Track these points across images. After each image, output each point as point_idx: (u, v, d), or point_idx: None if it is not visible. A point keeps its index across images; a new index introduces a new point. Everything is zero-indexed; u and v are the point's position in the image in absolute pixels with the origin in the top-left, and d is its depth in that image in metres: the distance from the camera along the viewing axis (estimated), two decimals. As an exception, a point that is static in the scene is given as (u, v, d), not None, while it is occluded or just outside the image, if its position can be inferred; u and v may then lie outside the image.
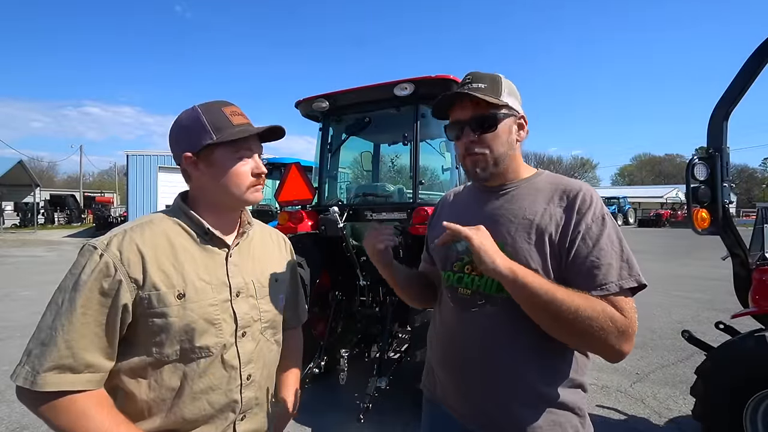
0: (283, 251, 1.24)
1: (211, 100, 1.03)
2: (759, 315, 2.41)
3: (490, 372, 1.03)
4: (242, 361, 1.00)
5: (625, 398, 3.47)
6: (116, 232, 0.92)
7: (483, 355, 1.04)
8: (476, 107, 1.05)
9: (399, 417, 3.08)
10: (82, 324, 0.82)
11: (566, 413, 1.01)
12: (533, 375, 1.00)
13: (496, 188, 1.13)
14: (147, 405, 0.90)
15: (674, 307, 6.44)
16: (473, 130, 1.06)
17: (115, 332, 0.86)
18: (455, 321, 1.10)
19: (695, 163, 2.41)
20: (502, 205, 1.09)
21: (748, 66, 2.28)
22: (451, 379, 1.11)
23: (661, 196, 42.98)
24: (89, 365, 0.83)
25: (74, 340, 0.82)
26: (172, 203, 1.06)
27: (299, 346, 1.32)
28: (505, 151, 1.08)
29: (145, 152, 18.79)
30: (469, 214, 1.14)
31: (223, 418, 0.98)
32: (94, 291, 0.84)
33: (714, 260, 5.94)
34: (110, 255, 0.86)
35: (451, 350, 1.12)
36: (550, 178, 1.12)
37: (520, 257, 0.99)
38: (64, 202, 29.55)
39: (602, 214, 0.99)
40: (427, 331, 1.29)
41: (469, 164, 1.10)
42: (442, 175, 3.87)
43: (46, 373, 0.80)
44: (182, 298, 0.91)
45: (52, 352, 0.80)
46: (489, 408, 1.03)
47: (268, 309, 1.08)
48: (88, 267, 0.85)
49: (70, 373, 0.81)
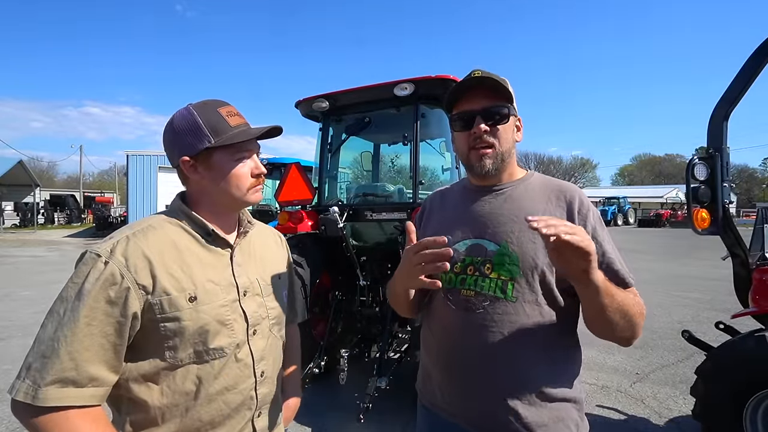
0: (280, 248, 1.25)
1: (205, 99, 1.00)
2: (759, 315, 2.41)
3: (496, 373, 1.01)
4: (255, 358, 1.00)
5: (625, 398, 3.47)
6: (118, 238, 0.89)
7: (489, 357, 1.01)
8: (489, 98, 1.05)
9: (399, 417, 3.08)
10: (86, 335, 0.79)
11: (568, 407, 1.02)
12: (539, 373, 1.00)
13: (491, 187, 1.12)
14: (160, 411, 0.88)
15: (674, 307, 6.44)
16: (485, 120, 1.04)
17: (123, 343, 0.84)
18: (457, 323, 1.06)
19: (695, 163, 2.41)
20: (501, 205, 1.09)
21: (748, 66, 2.28)
22: (455, 382, 1.08)
23: (661, 196, 43.01)
24: (93, 378, 0.80)
25: (78, 352, 0.78)
26: (170, 205, 1.04)
27: (297, 341, 1.33)
28: (509, 148, 1.08)
29: (145, 152, 18.79)
30: (465, 213, 1.13)
31: (240, 416, 0.98)
32: (100, 300, 0.81)
33: (714, 260, 5.95)
34: (116, 262, 0.83)
35: (453, 354, 1.08)
36: (543, 180, 1.14)
37: (527, 257, 1.00)
38: (64, 202, 29.57)
39: (598, 216, 1.07)
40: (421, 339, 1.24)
41: (474, 158, 1.07)
42: (442, 175, 3.87)
43: (47, 387, 0.76)
44: (194, 301, 0.90)
45: (55, 364, 0.77)
46: (494, 409, 1.01)
47: (273, 306, 1.09)
48: (92, 275, 0.82)
49: (72, 386, 0.78)
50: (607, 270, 0.97)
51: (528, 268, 1.00)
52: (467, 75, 1.08)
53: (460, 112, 1.09)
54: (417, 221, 1.28)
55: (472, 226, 1.10)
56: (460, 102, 1.09)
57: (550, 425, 0.99)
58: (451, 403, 1.09)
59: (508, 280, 1.01)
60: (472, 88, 1.06)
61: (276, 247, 1.23)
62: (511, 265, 1.01)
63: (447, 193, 1.27)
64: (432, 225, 1.21)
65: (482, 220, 1.09)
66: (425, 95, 3.21)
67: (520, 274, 1.00)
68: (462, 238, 1.10)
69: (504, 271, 1.01)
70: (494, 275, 1.02)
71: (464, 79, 1.07)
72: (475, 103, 1.06)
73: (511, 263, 1.01)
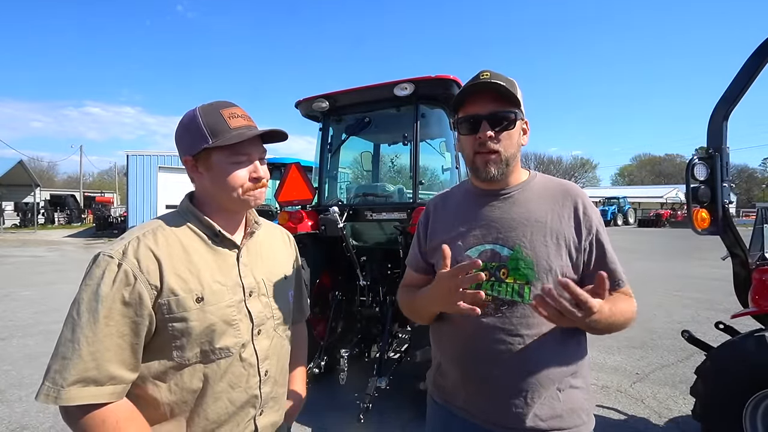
0: (288, 248, 1.26)
1: (215, 100, 1.01)
2: (759, 315, 2.41)
3: (516, 373, 1.02)
4: (260, 357, 1.02)
5: (625, 398, 3.47)
6: (129, 239, 0.90)
7: (508, 359, 1.02)
8: (496, 103, 1.04)
9: (399, 417, 3.09)
10: (105, 335, 0.82)
11: (579, 398, 1.06)
12: (556, 370, 1.03)
13: (497, 191, 1.12)
14: (168, 408, 0.91)
15: (674, 307, 6.44)
16: (491, 125, 1.03)
17: (139, 342, 0.86)
18: (475, 328, 1.06)
19: (695, 163, 2.41)
20: (510, 209, 1.09)
21: (748, 66, 2.28)
22: (473, 383, 1.09)
23: (661, 196, 43.02)
24: (112, 377, 0.82)
25: (99, 352, 0.81)
26: (179, 204, 1.05)
27: (304, 340, 1.34)
28: (515, 152, 1.08)
29: (145, 152, 18.79)
30: (474, 218, 1.12)
31: (244, 414, 1.00)
32: (116, 302, 0.83)
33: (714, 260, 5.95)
34: (129, 264, 0.85)
35: (471, 356, 1.08)
36: (546, 180, 1.15)
37: (542, 260, 1.01)
38: (64, 202, 29.60)
39: (599, 216, 1.10)
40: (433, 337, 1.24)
41: (479, 162, 1.06)
42: (442, 175, 3.87)
43: (70, 387, 0.78)
44: (201, 301, 0.91)
45: (77, 365, 0.79)
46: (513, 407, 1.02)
47: (279, 306, 1.10)
48: (107, 277, 0.84)
49: (93, 385, 0.81)
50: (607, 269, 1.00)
51: (543, 271, 1.01)
52: (475, 76, 1.07)
53: (466, 116, 1.07)
54: (421, 226, 1.26)
55: (484, 232, 1.09)
56: (466, 104, 1.08)
57: (565, 416, 1.02)
58: (468, 401, 1.10)
59: (524, 283, 1.02)
60: (480, 91, 1.05)
61: (284, 247, 1.24)
62: (527, 269, 1.02)
63: (449, 196, 1.26)
64: (438, 230, 1.19)
65: (493, 225, 1.09)
66: (425, 95, 3.21)
67: (536, 277, 1.01)
68: (474, 243, 1.09)
69: (520, 276, 1.02)
70: (510, 280, 1.03)
71: (472, 81, 1.06)
72: (481, 107, 1.04)
73: (526, 267, 1.02)
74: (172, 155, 18.41)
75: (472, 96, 1.06)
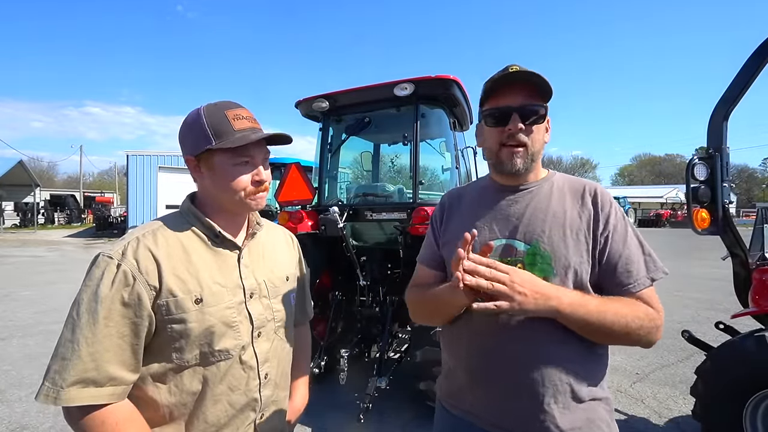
0: (291, 249, 1.25)
1: (221, 100, 1.00)
2: (759, 315, 2.41)
3: (531, 375, 0.98)
4: (260, 360, 1.00)
5: (625, 398, 3.47)
6: (128, 240, 0.90)
7: (524, 359, 0.98)
8: (528, 96, 1.01)
9: (399, 417, 3.09)
10: (105, 336, 0.81)
11: (598, 408, 1.01)
12: (572, 374, 0.98)
13: (517, 187, 1.10)
14: (168, 410, 0.90)
15: (674, 307, 6.43)
16: (522, 119, 1.01)
17: (140, 343, 0.86)
18: (491, 329, 1.02)
19: (695, 163, 2.41)
20: (529, 204, 1.07)
21: (748, 66, 2.28)
22: (486, 385, 1.04)
23: (661, 196, 42.95)
24: (112, 378, 0.82)
25: (99, 353, 0.81)
26: (181, 205, 1.04)
27: (307, 342, 1.33)
28: (539, 148, 1.06)
29: (145, 152, 18.75)
30: (491, 213, 1.10)
31: (243, 417, 0.99)
32: (116, 302, 0.83)
33: (714, 260, 5.95)
34: (128, 264, 0.85)
35: (485, 356, 1.04)
36: (565, 178, 1.13)
37: (560, 256, 0.99)
38: (64, 202, 29.62)
39: (621, 212, 1.05)
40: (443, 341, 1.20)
41: (505, 155, 1.04)
42: (442, 175, 3.87)
43: (69, 387, 0.78)
44: (200, 303, 0.91)
45: (76, 365, 0.79)
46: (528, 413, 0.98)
47: (280, 308, 1.09)
48: (106, 278, 0.84)
49: (93, 386, 0.80)
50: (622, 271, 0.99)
51: (562, 267, 0.98)
52: (503, 69, 1.04)
53: (495, 107, 1.04)
54: (436, 220, 1.23)
55: (501, 226, 1.07)
56: (495, 96, 1.04)
57: (584, 428, 0.97)
58: (477, 405, 1.06)
59: (542, 279, 0.97)
60: (511, 83, 1.02)
61: (286, 248, 1.22)
62: (544, 264, 0.99)
63: (465, 191, 1.23)
64: (454, 224, 1.16)
65: (511, 220, 1.06)
66: (425, 95, 3.21)
67: (554, 273, 0.98)
68: (491, 238, 1.06)
69: (537, 271, 0.98)
70: None
71: (503, 72, 1.03)
72: (512, 99, 1.02)
73: (544, 262, 0.99)
74: (172, 155, 18.42)
75: (504, 87, 1.03)
